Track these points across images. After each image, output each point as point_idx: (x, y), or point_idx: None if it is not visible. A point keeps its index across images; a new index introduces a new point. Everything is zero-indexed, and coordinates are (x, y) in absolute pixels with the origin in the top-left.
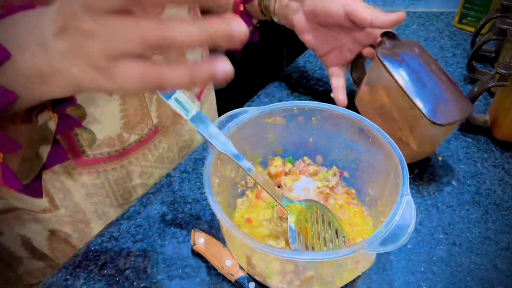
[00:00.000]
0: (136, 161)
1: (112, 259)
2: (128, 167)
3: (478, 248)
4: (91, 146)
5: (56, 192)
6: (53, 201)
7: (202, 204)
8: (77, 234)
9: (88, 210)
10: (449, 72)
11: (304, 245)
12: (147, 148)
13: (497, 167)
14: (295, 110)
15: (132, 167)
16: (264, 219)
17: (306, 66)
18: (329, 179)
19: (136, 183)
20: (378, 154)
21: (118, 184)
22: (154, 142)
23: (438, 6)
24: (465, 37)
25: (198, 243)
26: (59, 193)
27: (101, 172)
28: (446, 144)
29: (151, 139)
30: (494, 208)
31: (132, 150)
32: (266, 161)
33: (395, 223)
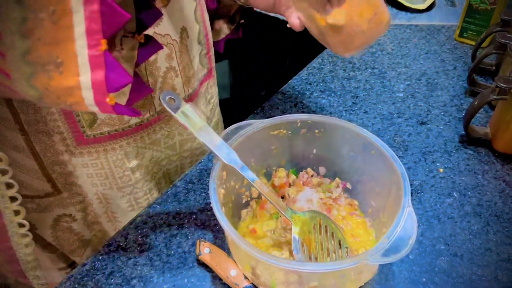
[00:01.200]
0: (134, 143)
1: (119, 268)
2: (126, 148)
3: (480, 259)
4: (91, 127)
5: (58, 177)
6: (55, 186)
7: (208, 215)
8: (81, 214)
9: (89, 191)
10: (450, 84)
11: (307, 256)
12: (146, 132)
13: (498, 179)
14: (299, 123)
15: (130, 148)
16: (268, 230)
17: (309, 78)
18: (332, 190)
19: (133, 164)
20: (380, 166)
21: (117, 166)
22: (154, 128)
23: (440, 19)
24: (466, 51)
25: (203, 253)
26: (60, 178)
27: (100, 152)
28: (448, 156)
29: (152, 124)
30: (495, 220)
31: (132, 132)
32: (270, 173)
33: (397, 234)
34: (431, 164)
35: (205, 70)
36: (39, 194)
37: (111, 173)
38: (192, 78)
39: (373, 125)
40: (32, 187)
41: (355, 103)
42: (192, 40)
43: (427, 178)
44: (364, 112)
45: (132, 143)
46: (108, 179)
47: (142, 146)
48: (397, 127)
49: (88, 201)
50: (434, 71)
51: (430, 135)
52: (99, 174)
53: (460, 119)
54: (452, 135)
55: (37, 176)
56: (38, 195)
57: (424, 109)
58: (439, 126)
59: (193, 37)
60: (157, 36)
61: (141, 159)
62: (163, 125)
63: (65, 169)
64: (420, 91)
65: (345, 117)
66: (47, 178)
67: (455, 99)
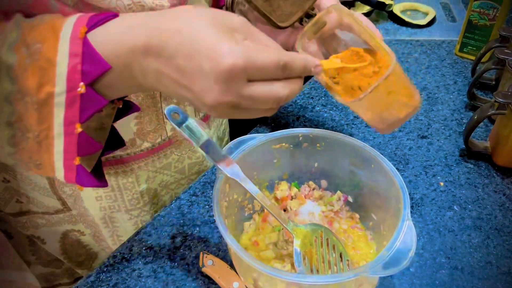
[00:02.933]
0: (145, 167)
1: (123, 280)
2: (137, 172)
3: (480, 272)
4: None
5: (67, 198)
6: (65, 204)
7: (211, 227)
8: (90, 230)
9: (96, 216)
10: (450, 99)
11: (309, 268)
12: (157, 156)
13: (498, 193)
14: (301, 137)
15: (141, 172)
16: (271, 242)
17: (311, 92)
18: (334, 203)
19: (143, 188)
20: (380, 180)
21: (127, 188)
22: (165, 152)
23: (440, 35)
24: (466, 65)
25: (206, 265)
26: (69, 198)
27: (111, 174)
28: (448, 170)
29: (163, 149)
30: (495, 233)
31: (143, 156)
32: (273, 186)
33: (397, 247)
34: (431, 178)
35: None
36: (49, 211)
37: (121, 196)
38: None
39: (374, 138)
40: (42, 204)
41: (356, 117)
42: None
43: (427, 192)
44: (366, 126)
45: (143, 167)
46: (117, 201)
47: (153, 170)
48: (398, 141)
49: (96, 224)
50: (434, 86)
51: (431, 149)
52: (108, 197)
53: (460, 133)
54: (453, 149)
55: (48, 194)
56: (48, 211)
57: (425, 123)
58: (440, 140)
59: None
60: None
61: (151, 183)
62: (174, 149)
63: (74, 191)
64: (421, 105)
65: (346, 131)
66: (57, 196)
67: (455, 113)
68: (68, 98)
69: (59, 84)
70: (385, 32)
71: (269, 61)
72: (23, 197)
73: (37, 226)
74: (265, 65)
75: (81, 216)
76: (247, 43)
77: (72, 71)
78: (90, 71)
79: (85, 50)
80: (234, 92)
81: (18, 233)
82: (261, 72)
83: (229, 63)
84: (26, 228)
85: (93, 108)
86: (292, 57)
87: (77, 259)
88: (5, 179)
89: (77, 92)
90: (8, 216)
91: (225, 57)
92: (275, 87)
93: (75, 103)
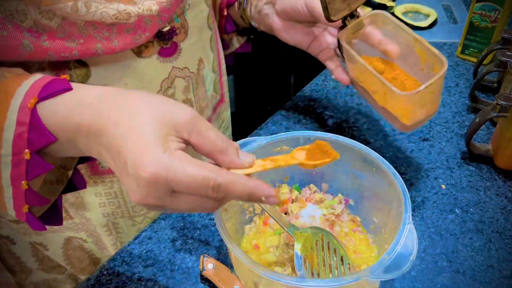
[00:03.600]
0: None
1: (123, 283)
2: None
3: (482, 276)
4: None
5: (69, 206)
6: (67, 212)
7: (211, 230)
8: (92, 239)
9: (99, 225)
10: (452, 101)
11: (310, 272)
12: None
13: (500, 196)
14: (301, 140)
15: None
16: (271, 246)
17: (312, 95)
18: (335, 206)
19: None
20: (381, 183)
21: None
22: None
23: (442, 37)
24: (468, 67)
25: (207, 269)
26: (71, 208)
27: (114, 182)
28: (450, 172)
29: None
30: (497, 237)
31: None
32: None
33: (398, 251)
34: (433, 181)
35: (218, 96)
36: None
37: (124, 202)
38: (205, 108)
39: (376, 141)
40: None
41: (358, 119)
42: (208, 70)
43: (429, 195)
44: (367, 128)
45: None
46: (121, 208)
47: None
48: (400, 144)
49: (98, 234)
50: None
51: (432, 152)
52: (112, 203)
53: (462, 136)
54: (454, 151)
55: None
56: None
57: (426, 125)
58: (441, 142)
59: (208, 67)
60: (175, 70)
61: None
62: None
63: (77, 198)
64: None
65: (348, 134)
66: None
67: (457, 115)
68: (14, 161)
69: (5, 147)
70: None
71: (195, 178)
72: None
73: (39, 232)
74: (189, 182)
75: (83, 225)
76: (178, 154)
77: (17, 138)
78: (36, 140)
79: (32, 120)
80: (157, 198)
81: (21, 239)
82: (186, 187)
83: (149, 173)
84: (29, 234)
85: (39, 171)
86: (232, 180)
87: (79, 265)
88: None
89: (22, 156)
90: (10, 223)
91: (146, 167)
92: (203, 203)
93: (21, 165)
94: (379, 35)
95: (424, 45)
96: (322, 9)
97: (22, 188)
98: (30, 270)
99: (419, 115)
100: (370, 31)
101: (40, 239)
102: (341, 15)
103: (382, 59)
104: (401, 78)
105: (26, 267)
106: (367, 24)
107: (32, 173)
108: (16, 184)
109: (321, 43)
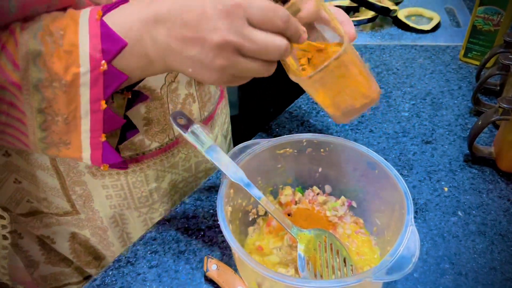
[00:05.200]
0: (154, 166)
1: (128, 284)
2: (146, 171)
3: (484, 278)
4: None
5: (76, 199)
6: (74, 206)
7: (215, 231)
8: (96, 238)
9: (105, 216)
10: (455, 104)
11: (313, 273)
12: (165, 155)
13: (502, 198)
14: (304, 142)
15: (150, 171)
16: (275, 247)
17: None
18: (338, 208)
19: (152, 187)
20: (384, 185)
21: (136, 187)
22: (172, 151)
23: (444, 40)
24: (471, 71)
25: (210, 270)
26: (79, 200)
27: (121, 174)
28: (452, 175)
29: (171, 148)
30: (499, 239)
31: (152, 155)
32: (277, 190)
33: (400, 253)
34: (436, 183)
35: (218, 91)
36: (58, 212)
37: (130, 194)
38: (208, 102)
39: (379, 144)
40: (52, 205)
41: (360, 122)
42: None
43: (432, 197)
44: (370, 131)
45: (152, 166)
46: (127, 199)
47: (162, 169)
48: (402, 146)
49: (104, 228)
50: (439, 91)
51: (435, 154)
52: (118, 195)
53: (464, 138)
54: (457, 154)
55: (58, 195)
56: (57, 213)
57: (429, 128)
58: (444, 145)
59: None
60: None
61: (161, 182)
62: (181, 148)
63: (85, 190)
64: (425, 110)
65: (350, 136)
66: (67, 198)
67: (459, 118)
68: (93, 77)
69: (83, 64)
70: (390, 37)
71: (269, 6)
72: (33, 197)
73: (46, 225)
74: (265, 7)
75: (88, 221)
76: None
77: (93, 51)
78: (109, 49)
79: (103, 30)
80: (237, 30)
81: (29, 233)
82: (262, 14)
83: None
84: (36, 228)
85: (115, 84)
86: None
87: (85, 259)
88: (16, 180)
89: (99, 70)
90: (18, 217)
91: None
92: (274, 36)
93: (99, 81)
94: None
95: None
96: None
97: (101, 109)
98: (38, 264)
99: (342, 103)
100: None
101: (48, 232)
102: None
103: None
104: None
105: (34, 260)
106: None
107: (109, 89)
108: (95, 108)
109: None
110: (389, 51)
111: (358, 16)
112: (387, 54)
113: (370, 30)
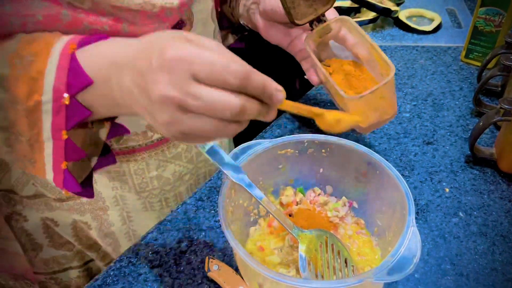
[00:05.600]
0: (155, 156)
1: (130, 284)
2: (148, 160)
3: (485, 279)
4: (118, 142)
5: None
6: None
7: (216, 232)
8: (96, 222)
9: (107, 196)
10: (456, 105)
11: (314, 274)
12: (167, 146)
13: (503, 199)
14: (306, 143)
15: (151, 160)
16: (276, 247)
17: (317, 98)
18: (339, 209)
19: (153, 174)
20: (385, 186)
21: (137, 174)
22: (174, 142)
23: (446, 41)
24: (472, 71)
25: (212, 270)
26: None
27: (123, 162)
28: (453, 176)
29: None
30: (501, 240)
31: (154, 146)
32: (278, 191)
33: (401, 253)
34: (437, 184)
35: None
36: (61, 197)
37: (131, 179)
38: None
39: (380, 144)
40: (55, 190)
41: None
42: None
43: (433, 198)
44: (371, 132)
45: (153, 156)
46: (128, 183)
47: (163, 159)
48: (404, 147)
49: (105, 207)
50: (440, 92)
51: (436, 155)
52: (120, 179)
53: (466, 139)
54: (458, 155)
55: None
56: (60, 198)
57: (430, 129)
58: (445, 146)
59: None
60: None
61: (162, 171)
62: None
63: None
64: (426, 111)
65: (352, 137)
66: None
67: (461, 119)
68: (55, 107)
69: (46, 93)
70: (391, 38)
71: (219, 61)
72: (38, 181)
73: (51, 208)
74: (213, 63)
75: (89, 204)
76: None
77: (58, 83)
78: (74, 83)
79: (72, 64)
80: (178, 86)
81: (33, 215)
82: (209, 70)
83: (173, 53)
84: (41, 210)
85: (78, 118)
86: (251, 69)
87: (87, 242)
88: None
89: (62, 102)
90: (24, 199)
91: (171, 50)
92: (224, 94)
93: (61, 112)
94: (352, 38)
95: (377, 51)
96: (285, 13)
97: (62, 139)
98: (41, 247)
99: (372, 118)
100: (345, 34)
101: (52, 215)
102: (307, 19)
103: (354, 62)
104: (366, 81)
105: (37, 243)
106: (335, 28)
107: (71, 121)
108: (57, 136)
109: (298, 43)
110: (390, 52)
111: (359, 17)
112: (388, 55)
113: (371, 31)
